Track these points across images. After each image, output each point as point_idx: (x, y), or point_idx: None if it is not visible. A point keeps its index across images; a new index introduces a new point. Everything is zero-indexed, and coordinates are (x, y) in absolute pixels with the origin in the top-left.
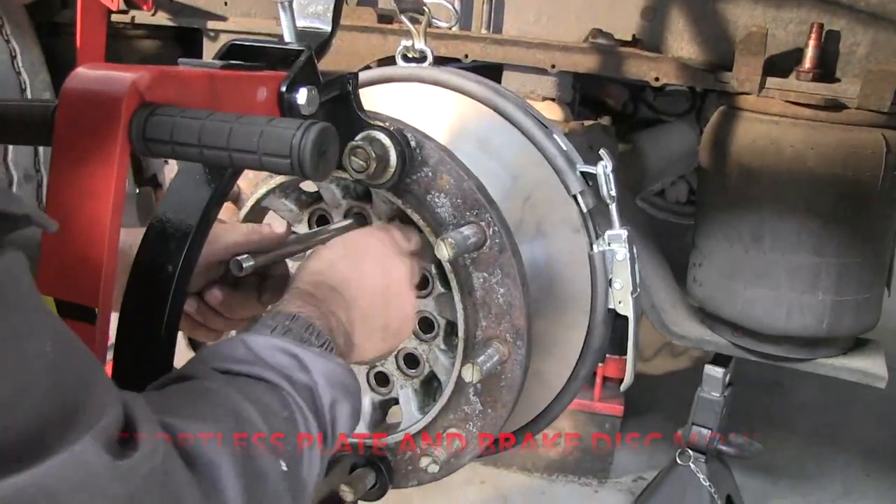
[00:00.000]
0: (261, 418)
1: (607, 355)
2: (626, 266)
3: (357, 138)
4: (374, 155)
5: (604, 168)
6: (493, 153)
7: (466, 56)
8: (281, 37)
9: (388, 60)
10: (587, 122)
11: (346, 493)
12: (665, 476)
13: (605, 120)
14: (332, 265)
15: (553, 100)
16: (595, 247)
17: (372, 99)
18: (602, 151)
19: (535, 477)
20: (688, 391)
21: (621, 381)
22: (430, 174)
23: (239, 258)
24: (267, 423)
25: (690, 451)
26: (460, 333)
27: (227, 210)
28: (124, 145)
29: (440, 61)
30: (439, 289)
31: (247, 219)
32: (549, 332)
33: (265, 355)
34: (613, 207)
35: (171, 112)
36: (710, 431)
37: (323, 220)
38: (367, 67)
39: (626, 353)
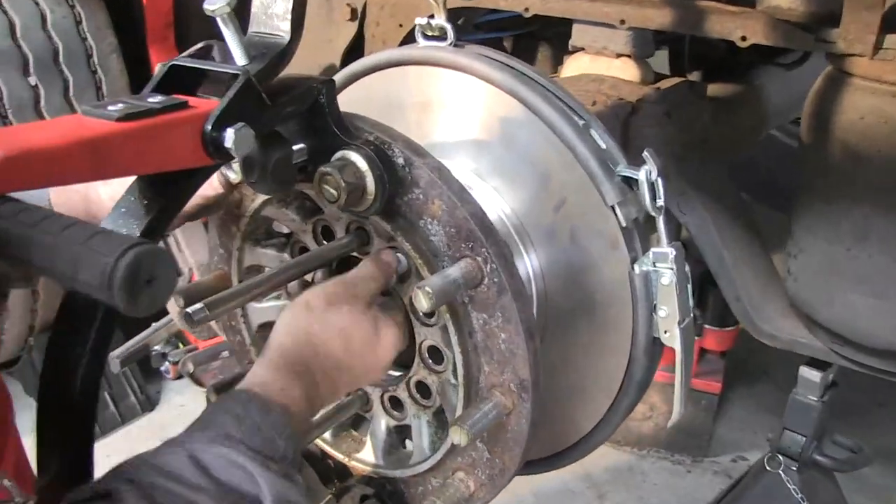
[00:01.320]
0: None
1: (707, 326)
2: (673, 292)
3: (332, 160)
4: (343, 184)
5: (647, 174)
6: (520, 151)
7: (526, 9)
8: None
9: None
10: (668, 83)
11: None
12: (752, 481)
13: (694, 75)
14: (297, 334)
15: (629, 56)
16: (636, 267)
17: (382, 86)
18: (647, 153)
19: (624, 451)
20: (800, 359)
21: (722, 353)
22: (420, 197)
23: (190, 310)
24: None
25: (781, 457)
26: (459, 378)
27: (231, 217)
28: None
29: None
30: (444, 320)
31: (248, 227)
32: (587, 354)
33: (213, 470)
34: (661, 221)
35: (8, 211)
36: (804, 438)
37: (328, 231)
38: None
39: (726, 325)
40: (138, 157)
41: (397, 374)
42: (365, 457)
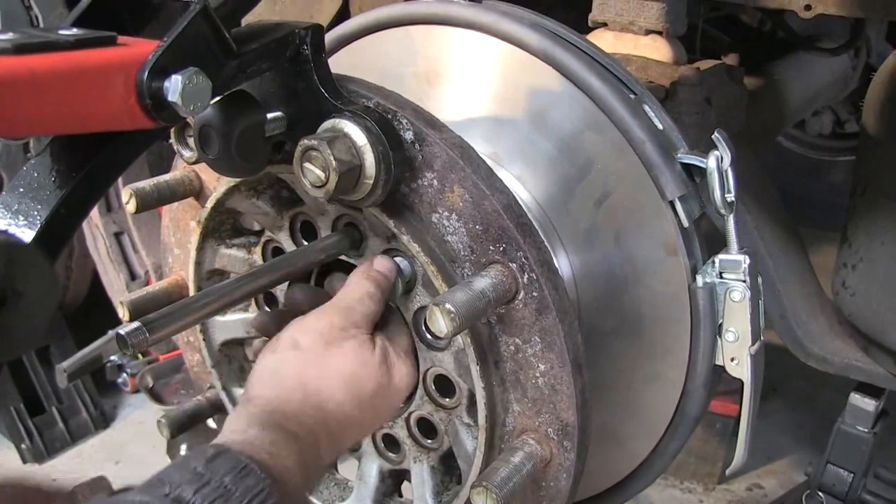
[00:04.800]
0: None
1: None
2: (745, 310)
3: (319, 132)
4: (333, 164)
5: (718, 161)
6: (552, 132)
7: None
8: None
9: None
10: (705, 65)
11: None
12: None
13: (730, 59)
14: (286, 385)
15: (660, 33)
16: (699, 278)
17: (376, 52)
18: (717, 135)
19: None
20: (828, 378)
21: None
22: (435, 183)
23: (122, 331)
24: None
25: (822, 495)
26: (480, 420)
27: (190, 208)
28: None
29: None
30: (459, 342)
31: (210, 221)
32: (629, 386)
33: None
34: (731, 220)
35: None
36: (852, 476)
37: (309, 228)
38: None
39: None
40: (39, 110)
41: None
42: None
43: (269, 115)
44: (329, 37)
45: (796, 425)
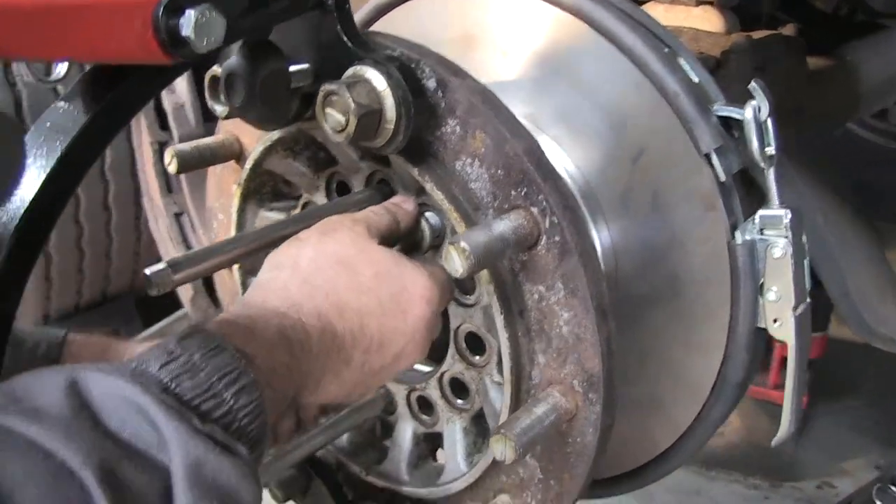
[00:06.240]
0: None
1: None
2: (788, 266)
3: (341, 79)
4: (353, 106)
5: (755, 111)
6: (587, 90)
7: None
8: None
9: None
10: (760, 35)
11: None
12: None
13: (788, 29)
14: (280, 265)
15: (711, 3)
16: (738, 234)
17: (412, 21)
18: (755, 84)
19: (691, 471)
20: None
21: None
22: (458, 129)
23: (149, 271)
24: None
25: (894, 489)
26: (505, 372)
27: (233, 172)
28: None
29: None
30: (485, 299)
31: (250, 183)
32: (669, 352)
33: (94, 407)
34: (771, 174)
35: None
36: None
37: (343, 187)
38: None
39: (813, 330)
40: (57, 37)
41: (427, 369)
42: (386, 470)
43: (295, 67)
44: (366, 7)
45: (871, 422)
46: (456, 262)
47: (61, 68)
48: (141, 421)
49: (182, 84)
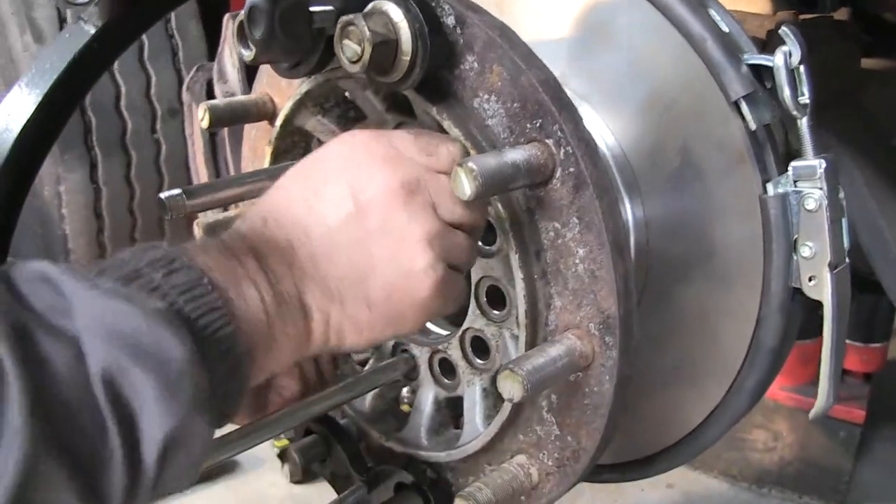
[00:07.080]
0: None
1: (848, 341)
2: (823, 219)
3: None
4: (368, 35)
5: (786, 57)
6: (618, 41)
7: None
8: None
9: None
10: (807, 16)
11: None
12: None
13: (841, 13)
14: (286, 193)
15: None
16: (770, 187)
17: None
18: (785, 29)
19: (741, 488)
20: None
21: (867, 375)
22: (475, 65)
23: (163, 195)
24: None
25: None
26: (520, 316)
27: (266, 134)
28: None
29: None
30: (506, 240)
31: (280, 142)
32: (700, 319)
33: (18, 289)
34: (804, 124)
35: None
36: None
37: None
38: None
39: (872, 340)
40: None
41: (446, 333)
42: (406, 436)
43: (319, 7)
44: None
45: None
46: (464, 182)
47: None
48: (51, 292)
49: (233, 73)
